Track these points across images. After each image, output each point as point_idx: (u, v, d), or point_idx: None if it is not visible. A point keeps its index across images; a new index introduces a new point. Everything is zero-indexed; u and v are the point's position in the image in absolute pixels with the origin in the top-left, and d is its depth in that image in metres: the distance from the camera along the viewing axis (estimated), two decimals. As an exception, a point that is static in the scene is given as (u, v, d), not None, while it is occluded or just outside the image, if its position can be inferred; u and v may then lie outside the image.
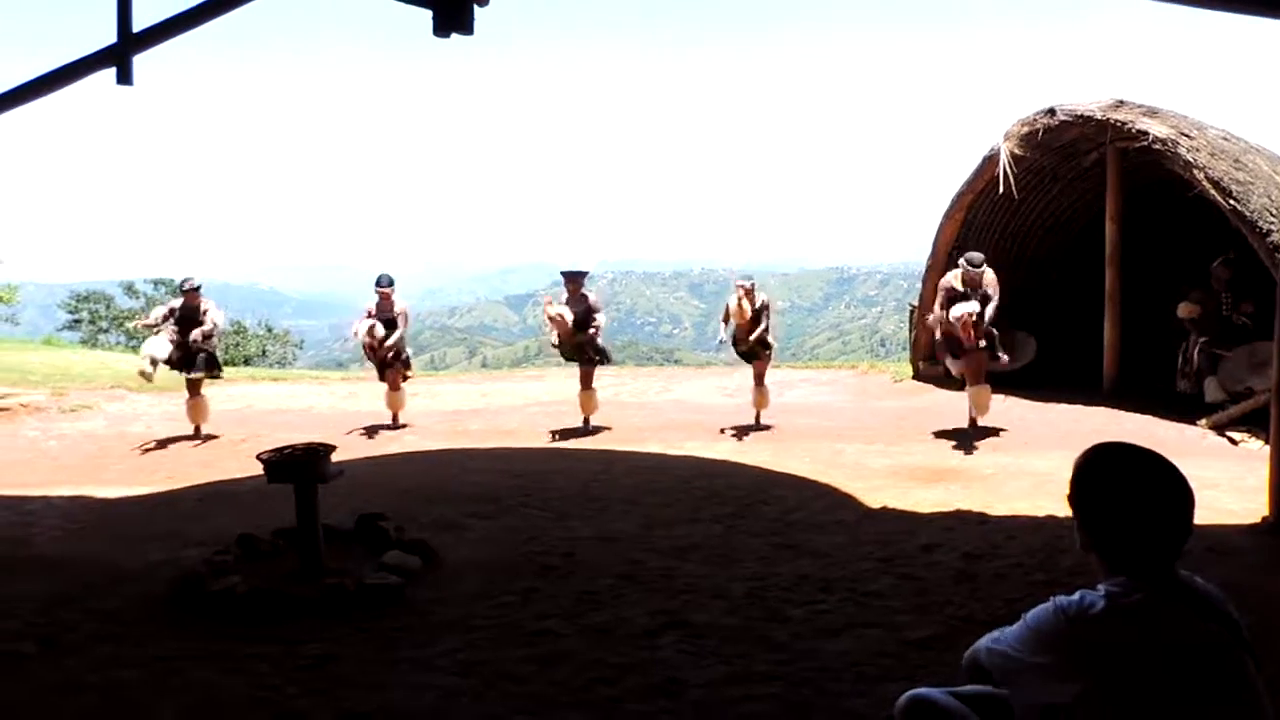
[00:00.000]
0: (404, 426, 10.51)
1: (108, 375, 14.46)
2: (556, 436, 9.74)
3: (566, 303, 10.02)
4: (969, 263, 9.03)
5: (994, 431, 9.20)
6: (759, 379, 10.04)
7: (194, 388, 10.19)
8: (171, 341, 9.95)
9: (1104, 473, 1.90)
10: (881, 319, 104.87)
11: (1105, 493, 1.88)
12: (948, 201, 11.56)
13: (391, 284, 10.33)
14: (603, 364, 10.33)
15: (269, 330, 33.45)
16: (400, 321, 10.39)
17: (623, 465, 8.14)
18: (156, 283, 32.30)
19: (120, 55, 5.90)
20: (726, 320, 10.08)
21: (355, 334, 10.42)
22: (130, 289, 32.76)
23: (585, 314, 9.97)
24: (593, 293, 10.18)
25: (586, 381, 10.15)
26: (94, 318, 30.91)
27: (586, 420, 10.16)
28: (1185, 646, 1.77)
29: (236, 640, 4.29)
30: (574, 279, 10.13)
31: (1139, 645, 1.77)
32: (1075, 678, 1.79)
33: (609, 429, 10.00)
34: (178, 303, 10.29)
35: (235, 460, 8.74)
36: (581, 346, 10.00)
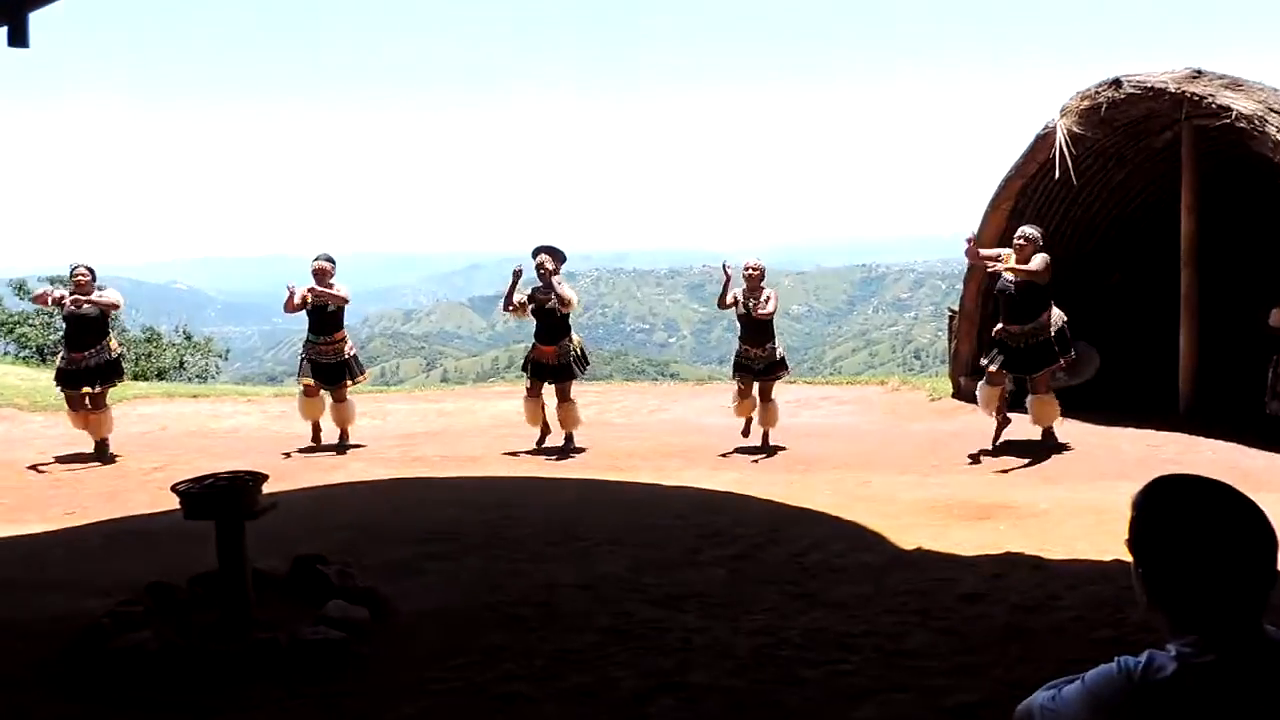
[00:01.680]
0: (356, 447, 10.50)
1: (-6, 390, 14.38)
2: (529, 462, 9.74)
3: (538, 291, 10.04)
4: (1021, 237, 9.23)
5: (1050, 459, 9.23)
6: (766, 394, 10.09)
7: (95, 399, 10.19)
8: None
9: (1166, 511, 1.89)
10: (916, 326, 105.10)
11: (1169, 535, 1.88)
12: (993, 188, 11.61)
13: (330, 261, 10.41)
14: (581, 371, 10.37)
15: (188, 338, 33.30)
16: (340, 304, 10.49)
17: (608, 498, 8.14)
18: (53, 280, 32.16)
19: (13, 12, 5.90)
20: (723, 301, 10.08)
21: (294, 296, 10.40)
22: (21, 288, 32.58)
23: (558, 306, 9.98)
24: (563, 282, 10.21)
25: (565, 394, 10.17)
26: (-23, 323, 30.78)
27: (569, 437, 10.23)
28: (1269, 715, 1.77)
29: (146, 708, 4.28)
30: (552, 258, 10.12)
31: (1213, 715, 1.77)
32: (1139, 751, 1.79)
33: (590, 454, 10.00)
34: (63, 292, 10.29)
35: (145, 492, 8.71)
36: (562, 361, 10.01)
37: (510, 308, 10.25)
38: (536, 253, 10.17)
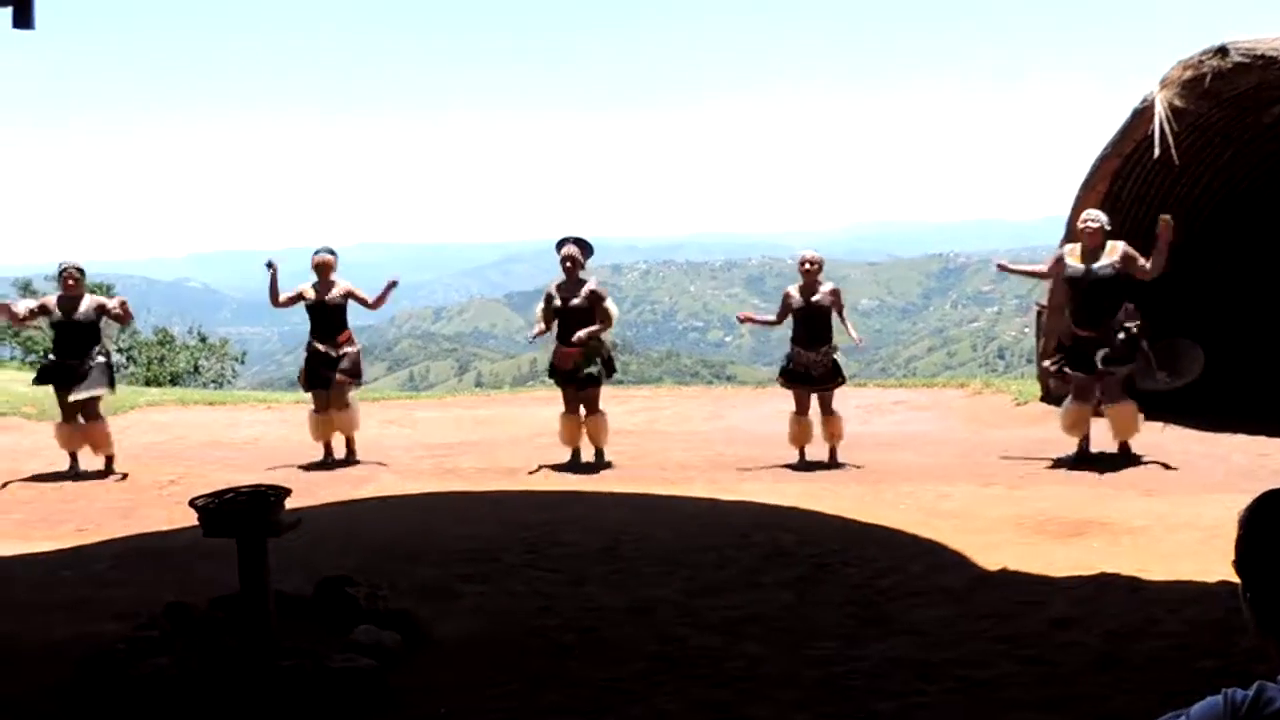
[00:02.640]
0: (355, 462, 10.56)
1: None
2: (572, 475, 9.79)
3: (561, 288, 10.01)
4: (1091, 220, 9.13)
5: (1149, 470, 9.13)
6: (826, 406, 9.93)
7: (89, 409, 10.23)
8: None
9: (1277, 529, 1.89)
10: (999, 322, 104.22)
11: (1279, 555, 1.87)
12: (1086, 169, 11.51)
13: (332, 254, 10.49)
14: (607, 377, 10.39)
15: (202, 340, 33.75)
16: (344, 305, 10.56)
17: (660, 514, 8.17)
18: (45, 279, 32.65)
19: (19, -10, 6.04)
20: (782, 319, 9.99)
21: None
22: (27, 288, 33.16)
23: (587, 307, 9.92)
24: (594, 278, 10.21)
25: (592, 405, 10.13)
26: (-20, 325, 31.34)
27: (600, 453, 10.23)
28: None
29: (165, 739, 4.36)
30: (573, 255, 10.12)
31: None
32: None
33: (639, 465, 10.03)
34: (52, 298, 10.41)
35: (161, 507, 8.84)
36: (586, 367, 9.96)
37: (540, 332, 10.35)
38: (562, 244, 10.14)
